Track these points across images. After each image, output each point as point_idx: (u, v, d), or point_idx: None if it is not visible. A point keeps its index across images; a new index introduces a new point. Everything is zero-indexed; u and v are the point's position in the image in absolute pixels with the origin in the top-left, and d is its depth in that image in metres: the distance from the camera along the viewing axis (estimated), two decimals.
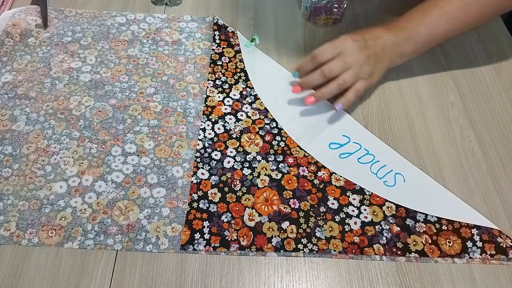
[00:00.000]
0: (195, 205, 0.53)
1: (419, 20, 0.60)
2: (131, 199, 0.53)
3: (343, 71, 0.59)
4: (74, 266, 0.48)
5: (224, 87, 0.65)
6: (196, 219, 0.52)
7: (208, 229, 0.51)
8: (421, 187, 0.56)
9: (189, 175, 0.56)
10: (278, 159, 0.58)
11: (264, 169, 0.57)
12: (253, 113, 0.63)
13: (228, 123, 0.61)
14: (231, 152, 0.58)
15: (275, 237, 0.51)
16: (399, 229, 0.52)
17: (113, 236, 0.50)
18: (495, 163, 0.59)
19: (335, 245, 0.51)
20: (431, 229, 0.52)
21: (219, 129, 0.60)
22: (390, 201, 0.54)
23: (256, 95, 0.65)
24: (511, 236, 0.52)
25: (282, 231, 0.51)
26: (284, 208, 0.53)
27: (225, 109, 0.63)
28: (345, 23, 0.76)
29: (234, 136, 0.60)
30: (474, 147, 0.60)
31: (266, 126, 0.61)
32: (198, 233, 0.51)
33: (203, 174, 0.56)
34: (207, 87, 0.65)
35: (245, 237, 0.51)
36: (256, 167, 0.57)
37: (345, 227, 0.52)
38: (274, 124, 0.61)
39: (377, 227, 0.52)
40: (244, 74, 0.67)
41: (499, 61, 0.71)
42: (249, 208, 0.53)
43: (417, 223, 0.53)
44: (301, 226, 0.52)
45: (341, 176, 0.56)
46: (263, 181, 0.56)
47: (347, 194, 0.55)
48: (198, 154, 0.58)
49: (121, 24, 0.73)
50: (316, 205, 0.54)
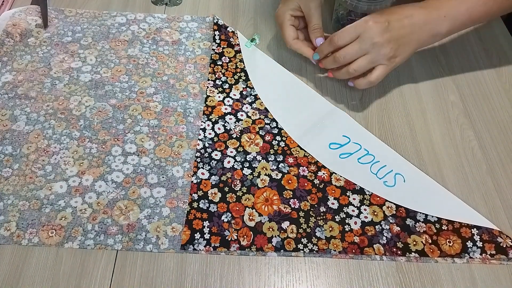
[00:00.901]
0: (195, 205, 0.53)
1: None
2: (131, 199, 0.53)
3: (358, 57, 0.57)
4: (74, 266, 0.48)
5: (224, 87, 0.65)
6: (196, 219, 0.52)
7: (208, 229, 0.51)
8: (421, 187, 0.56)
9: (189, 175, 0.56)
10: (278, 159, 0.58)
11: (264, 169, 0.57)
12: (253, 113, 0.63)
13: (228, 123, 0.61)
14: (231, 152, 0.58)
15: (275, 237, 0.51)
16: (399, 229, 0.52)
17: (113, 236, 0.50)
18: (495, 163, 0.59)
19: (335, 245, 0.51)
20: (431, 229, 0.52)
21: (219, 129, 0.61)
22: (390, 201, 0.54)
23: (256, 95, 0.65)
24: (511, 236, 0.52)
25: (282, 231, 0.52)
26: (284, 208, 0.53)
27: (225, 109, 0.63)
28: None
29: (234, 136, 0.60)
30: (474, 147, 0.60)
31: (266, 126, 0.61)
32: (198, 233, 0.51)
33: (203, 174, 0.56)
34: (207, 87, 0.65)
35: (245, 237, 0.51)
36: (256, 167, 0.57)
37: (345, 227, 0.52)
38: (274, 124, 0.61)
39: (377, 227, 0.52)
40: (244, 74, 0.67)
41: (499, 61, 0.71)
42: (249, 208, 0.53)
43: (417, 223, 0.53)
44: (301, 226, 0.52)
45: (341, 176, 0.56)
46: (263, 181, 0.56)
47: (347, 194, 0.55)
48: (198, 154, 0.58)
49: (121, 24, 0.74)
50: (316, 205, 0.54)
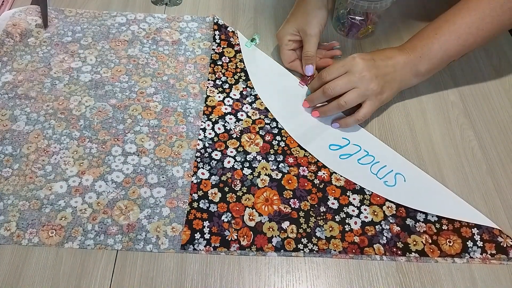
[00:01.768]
0: (195, 205, 0.53)
1: (431, 37, 0.58)
2: (131, 199, 0.53)
3: (347, 90, 0.58)
4: (74, 266, 0.48)
5: (224, 87, 0.65)
6: (196, 219, 0.52)
7: (208, 229, 0.51)
8: (422, 186, 0.56)
9: (189, 175, 0.56)
10: (278, 159, 0.58)
11: (264, 169, 0.57)
12: (253, 113, 0.63)
13: (228, 123, 0.61)
14: (231, 152, 0.58)
15: (275, 237, 0.51)
16: (399, 229, 0.52)
17: (113, 236, 0.50)
18: (495, 163, 0.59)
19: (335, 245, 0.51)
20: (431, 229, 0.52)
21: (219, 129, 0.60)
22: (390, 201, 0.54)
23: (256, 95, 0.65)
24: (511, 235, 0.52)
25: (282, 231, 0.51)
26: (284, 208, 0.53)
27: (225, 109, 0.63)
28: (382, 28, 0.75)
29: (234, 136, 0.60)
30: (474, 147, 0.60)
31: (266, 126, 0.61)
32: (198, 233, 0.51)
33: (203, 174, 0.56)
34: (207, 87, 0.65)
35: (245, 237, 0.51)
36: (256, 167, 0.57)
37: (345, 227, 0.52)
38: (274, 124, 0.61)
39: (377, 227, 0.52)
40: (244, 74, 0.67)
41: (499, 61, 0.71)
42: (249, 208, 0.53)
43: (417, 223, 0.53)
44: (301, 226, 0.52)
45: (341, 176, 0.56)
46: (263, 181, 0.56)
47: (347, 194, 0.55)
48: (198, 154, 0.58)
49: (121, 24, 0.74)
50: (316, 205, 0.54)
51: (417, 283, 0.49)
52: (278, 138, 0.60)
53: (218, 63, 0.68)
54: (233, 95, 0.64)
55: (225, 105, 0.63)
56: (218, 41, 0.71)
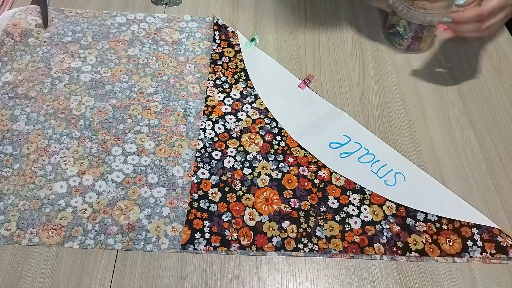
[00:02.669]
0: (195, 204, 0.53)
1: None
2: (131, 198, 0.53)
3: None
4: (74, 265, 0.48)
5: (224, 87, 0.65)
6: (196, 218, 0.52)
7: (208, 229, 0.51)
8: (422, 186, 0.56)
9: (190, 175, 0.56)
10: (278, 159, 0.58)
11: (264, 168, 0.57)
12: (253, 112, 0.63)
13: (228, 122, 0.61)
14: (232, 151, 0.58)
15: (276, 236, 0.51)
16: (399, 228, 0.52)
17: (114, 235, 0.50)
18: (495, 163, 0.59)
19: (335, 245, 0.51)
20: (431, 228, 0.52)
21: (219, 128, 0.61)
22: (390, 201, 0.54)
23: (256, 94, 0.65)
24: (511, 235, 0.52)
25: (282, 231, 0.52)
26: (284, 207, 0.53)
27: (226, 108, 0.63)
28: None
29: (234, 135, 0.60)
30: (474, 147, 0.60)
31: (266, 125, 0.61)
32: (198, 233, 0.51)
33: (203, 173, 0.56)
34: (207, 87, 0.65)
35: (245, 236, 0.51)
36: (256, 167, 0.57)
37: (346, 226, 0.52)
38: (274, 123, 0.61)
39: (377, 226, 0.52)
40: (244, 73, 0.67)
41: (499, 61, 0.71)
42: (249, 207, 0.53)
43: (417, 223, 0.53)
44: (302, 225, 0.52)
45: (341, 175, 0.56)
46: (263, 181, 0.56)
47: (348, 193, 0.55)
48: (198, 153, 0.58)
49: (121, 24, 0.74)
50: (316, 205, 0.54)
51: (417, 283, 0.49)
52: (278, 138, 0.60)
53: (218, 63, 0.68)
54: (233, 95, 0.64)
55: (225, 105, 0.63)
56: (218, 41, 0.71)
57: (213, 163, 0.57)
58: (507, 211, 0.54)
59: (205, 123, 0.61)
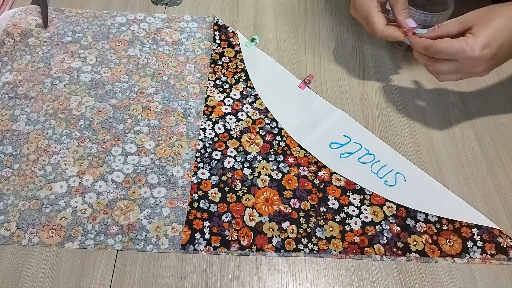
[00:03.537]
0: (195, 205, 0.53)
1: None
2: (131, 199, 0.53)
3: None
4: (74, 266, 0.48)
5: (224, 87, 0.65)
6: (196, 219, 0.52)
7: (208, 229, 0.51)
8: (422, 187, 0.56)
9: (190, 175, 0.56)
10: (278, 159, 0.58)
11: (264, 169, 0.57)
12: (254, 113, 0.63)
13: (228, 123, 0.61)
14: (232, 152, 0.58)
15: (276, 237, 0.51)
16: (399, 229, 0.52)
17: (114, 236, 0.50)
18: (495, 163, 0.59)
19: (335, 245, 0.51)
20: (431, 229, 0.52)
21: (219, 129, 0.60)
22: (390, 201, 0.54)
23: (256, 95, 0.65)
24: (511, 235, 0.52)
25: (282, 231, 0.52)
26: (284, 208, 0.53)
27: (226, 109, 0.63)
28: None
29: (234, 136, 0.60)
30: (474, 147, 0.60)
31: (266, 126, 0.61)
32: (198, 233, 0.51)
33: (203, 174, 0.56)
34: (208, 87, 0.65)
35: (245, 237, 0.51)
36: (256, 167, 0.57)
37: (346, 227, 0.52)
38: (274, 124, 0.61)
39: (377, 227, 0.52)
40: (244, 74, 0.67)
41: None
42: (249, 208, 0.53)
43: (418, 223, 0.53)
44: (302, 226, 0.52)
45: (341, 175, 0.56)
46: (263, 181, 0.56)
47: (348, 194, 0.55)
48: (198, 154, 0.58)
49: (121, 24, 0.74)
50: (316, 205, 0.54)
51: (417, 283, 0.49)
52: (278, 138, 0.60)
53: (218, 63, 0.68)
54: (233, 95, 0.64)
55: (225, 105, 0.63)
56: (218, 41, 0.71)
57: (213, 163, 0.57)
58: (507, 211, 0.54)
59: (205, 123, 0.61)
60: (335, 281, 0.48)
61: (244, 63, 0.68)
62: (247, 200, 0.54)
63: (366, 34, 0.74)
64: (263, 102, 0.64)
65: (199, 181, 0.55)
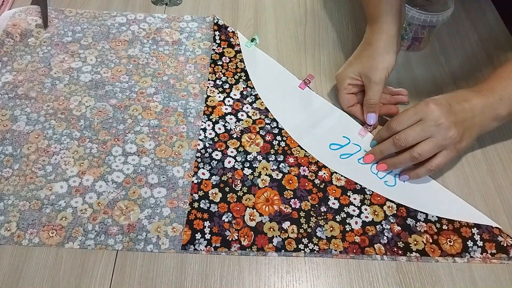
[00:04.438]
0: (196, 205, 0.53)
1: (511, 78, 0.54)
2: (131, 199, 0.53)
3: (420, 140, 0.52)
4: (74, 266, 0.48)
5: (224, 87, 0.65)
6: (197, 219, 0.52)
7: (209, 229, 0.51)
8: (421, 187, 0.56)
9: (190, 175, 0.56)
10: (278, 159, 0.58)
11: (264, 169, 0.57)
12: (254, 113, 0.63)
13: (228, 123, 0.61)
14: (232, 152, 0.58)
15: (276, 237, 0.51)
16: (400, 228, 0.52)
17: (114, 236, 0.50)
18: (495, 163, 0.59)
19: (336, 245, 0.51)
20: (431, 228, 0.52)
21: (219, 129, 0.60)
22: (391, 201, 0.54)
23: (256, 95, 0.65)
24: (511, 235, 0.52)
25: (283, 231, 0.52)
26: (285, 208, 0.53)
27: (226, 109, 0.63)
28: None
29: (234, 136, 0.60)
30: (474, 147, 0.60)
31: (266, 126, 0.61)
32: (199, 233, 0.51)
33: (203, 174, 0.56)
34: (208, 87, 0.65)
35: (246, 237, 0.51)
36: (256, 167, 0.57)
37: (346, 226, 0.52)
38: (274, 124, 0.61)
39: (378, 226, 0.52)
40: (244, 74, 0.67)
41: (499, 61, 0.71)
42: (250, 208, 0.53)
43: (418, 223, 0.53)
44: (302, 226, 0.52)
45: (342, 175, 0.56)
46: (263, 181, 0.56)
47: (348, 193, 0.55)
48: (198, 154, 0.58)
49: (121, 24, 0.73)
50: (317, 205, 0.54)
51: (417, 283, 0.49)
52: (278, 138, 0.60)
53: (218, 63, 0.68)
54: (233, 95, 0.64)
55: (225, 105, 0.63)
56: (218, 41, 0.71)
57: (213, 163, 0.57)
58: (507, 211, 0.54)
59: (205, 123, 0.61)
60: (335, 281, 0.48)
61: (244, 63, 0.68)
62: (248, 200, 0.54)
63: None
64: (263, 102, 0.64)
65: (199, 181, 0.55)
